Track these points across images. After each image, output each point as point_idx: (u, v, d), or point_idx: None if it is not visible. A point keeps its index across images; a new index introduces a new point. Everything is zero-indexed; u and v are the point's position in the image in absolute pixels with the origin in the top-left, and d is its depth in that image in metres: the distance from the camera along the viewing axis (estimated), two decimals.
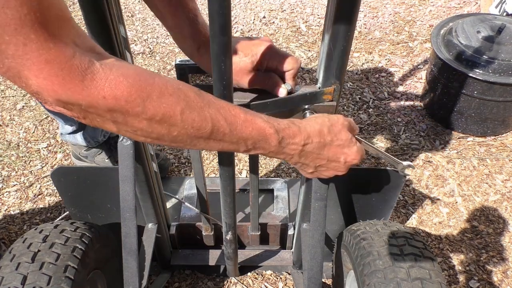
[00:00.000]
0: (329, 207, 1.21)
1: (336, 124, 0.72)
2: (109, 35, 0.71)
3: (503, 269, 1.50)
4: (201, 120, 0.55)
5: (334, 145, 0.71)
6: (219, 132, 0.58)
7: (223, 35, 0.58)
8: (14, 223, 1.64)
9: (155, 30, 2.62)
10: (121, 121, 0.51)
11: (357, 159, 0.73)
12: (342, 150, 0.72)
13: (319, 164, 0.73)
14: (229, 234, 1.08)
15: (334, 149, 0.71)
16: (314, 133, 0.69)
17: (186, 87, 0.56)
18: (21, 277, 0.88)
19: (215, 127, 0.57)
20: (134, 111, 0.50)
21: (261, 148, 0.64)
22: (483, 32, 1.83)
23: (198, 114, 0.55)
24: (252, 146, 0.63)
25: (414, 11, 2.73)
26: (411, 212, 1.67)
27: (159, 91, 0.51)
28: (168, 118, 0.53)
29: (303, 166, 0.74)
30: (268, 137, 0.63)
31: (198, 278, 1.47)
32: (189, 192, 1.45)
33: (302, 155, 0.70)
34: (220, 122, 0.58)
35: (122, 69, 0.49)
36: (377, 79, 2.27)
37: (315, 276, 0.98)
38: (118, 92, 0.48)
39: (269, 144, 0.64)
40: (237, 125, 0.60)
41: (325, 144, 0.70)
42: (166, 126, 0.53)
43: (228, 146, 0.61)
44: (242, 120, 0.60)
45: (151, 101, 0.51)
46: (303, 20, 2.69)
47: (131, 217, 0.93)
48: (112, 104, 0.48)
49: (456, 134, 1.98)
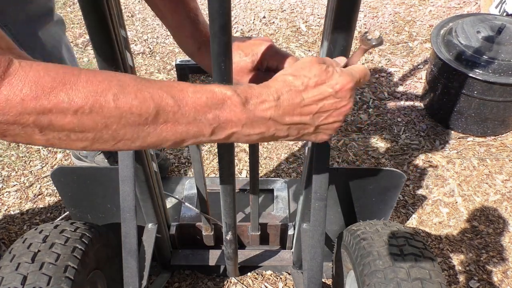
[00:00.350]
0: (329, 207, 1.21)
1: (299, 67, 0.60)
2: (109, 35, 0.71)
3: (503, 269, 1.50)
4: (141, 102, 0.47)
5: (310, 85, 0.58)
6: (167, 112, 0.49)
7: (223, 35, 0.58)
8: (14, 223, 1.64)
9: (155, 30, 2.62)
10: (47, 126, 0.44)
11: (349, 82, 0.60)
12: (324, 84, 0.59)
13: (314, 113, 0.59)
14: (229, 234, 1.08)
15: (313, 89, 0.58)
16: (279, 85, 0.57)
17: (120, 74, 0.49)
18: (21, 277, 0.88)
19: (160, 107, 0.48)
20: (58, 108, 0.43)
21: (228, 122, 0.53)
22: (483, 32, 1.83)
23: (136, 96, 0.47)
24: (217, 123, 0.52)
25: (414, 11, 2.73)
26: (411, 212, 1.67)
27: (86, 80, 0.45)
28: (99, 109, 0.45)
29: (301, 128, 0.60)
30: (229, 102, 0.52)
31: (198, 278, 1.47)
32: (189, 192, 1.45)
33: (283, 114, 0.56)
34: (165, 99, 0.49)
35: (44, 65, 0.44)
36: (377, 79, 2.27)
37: (315, 276, 0.98)
38: (39, 90, 0.42)
39: (234, 112, 0.53)
40: (186, 98, 0.50)
41: (299, 90, 0.57)
42: (101, 119, 0.45)
43: (186, 129, 0.51)
44: (191, 91, 0.51)
45: (76, 93, 0.44)
46: (303, 20, 2.69)
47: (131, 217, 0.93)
48: (32, 105, 0.42)
49: (456, 134, 1.98)
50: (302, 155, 1.89)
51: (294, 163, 1.86)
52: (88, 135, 0.46)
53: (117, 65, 0.76)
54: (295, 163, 1.86)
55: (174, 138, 0.51)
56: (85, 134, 0.46)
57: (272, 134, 0.58)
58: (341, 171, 1.15)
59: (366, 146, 1.92)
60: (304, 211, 1.14)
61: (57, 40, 1.51)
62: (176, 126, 0.50)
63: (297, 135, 0.61)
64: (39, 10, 1.37)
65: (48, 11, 1.41)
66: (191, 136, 0.52)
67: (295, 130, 0.60)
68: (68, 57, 1.59)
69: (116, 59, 0.75)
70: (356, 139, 1.95)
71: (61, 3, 2.81)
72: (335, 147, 1.91)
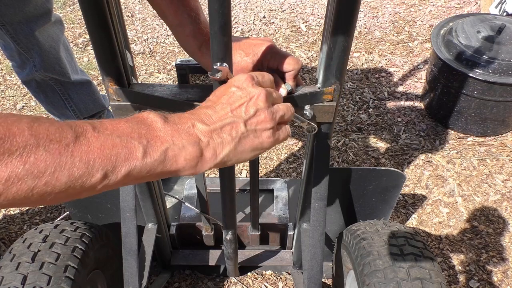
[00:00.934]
0: (329, 207, 1.21)
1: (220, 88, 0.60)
2: (109, 35, 0.71)
3: (503, 269, 1.50)
4: (58, 129, 0.41)
5: (216, 95, 0.58)
6: (88, 137, 0.43)
7: (223, 35, 0.58)
8: (14, 223, 1.64)
9: (155, 30, 2.62)
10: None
11: (244, 75, 0.59)
12: (225, 88, 0.59)
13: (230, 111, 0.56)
14: (229, 234, 1.08)
15: (219, 94, 0.58)
16: (192, 110, 0.56)
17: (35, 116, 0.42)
18: (21, 277, 0.88)
19: (79, 133, 0.43)
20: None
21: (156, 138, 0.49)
22: (483, 32, 1.83)
23: (52, 124, 0.41)
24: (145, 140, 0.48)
25: (414, 11, 2.73)
26: (411, 212, 1.67)
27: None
28: (12, 136, 0.38)
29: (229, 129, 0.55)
30: (148, 121, 0.50)
31: (198, 278, 1.47)
32: (189, 192, 1.45)
33: (203, 120, 0.54)
34: (83, 126, 0.44)
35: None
36: (377, 79, 2.27)
37: (315, 276, 0.98)
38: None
39: (157, 128, 0.50)
40: (105, 124, 0.46)
41: (210, 104, 0.57)
42: (15, 150, 0.38)
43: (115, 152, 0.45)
44: (108, 121, 0.47)
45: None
46: (303, 20, 2.69)
47: (131, 217, 0.93)
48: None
49: (456, 134, 1.98)
50: (302, 155, 1.89)
51: (294, 163, 1.86)
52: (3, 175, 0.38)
53: (117, 65, 0.76)
54: (295, 163, 1.86)
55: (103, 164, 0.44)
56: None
57: (207, 146, 0.53)
58: (341, 171, 1.15)
59: (366, 146, 1.92)
60: (304, 211, 1.14)
61: (55, 40, 1.51)
62: (103, 150, 0.44)
63: (234, 138, 0.56)
64: (37, 11, 1.38)
65: (46, 12, 1.41)
66: (123, 159, 0.45)
67: (227, 133, 0.55)
68: (66, 56, 1.59)
69: (116, 59, 0.75)
70: (356, 139, 1.95)
71: (61, 3, 2.81)
72: (335, 147, 1.91)
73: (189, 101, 0.79)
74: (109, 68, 0.75)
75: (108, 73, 0.76)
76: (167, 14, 0.75)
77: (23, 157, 0.38)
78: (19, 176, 0.38)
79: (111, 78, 0.77)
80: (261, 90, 0.59)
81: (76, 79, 1.65)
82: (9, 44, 1.44)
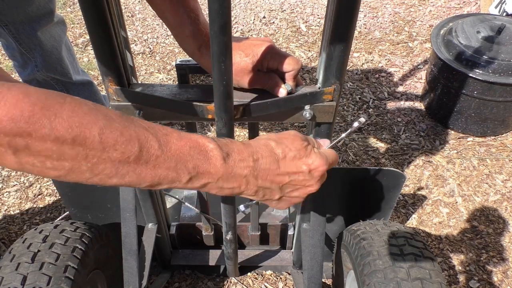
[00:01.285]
0: (329, 207, 1.21)
1: (284, 137, 0.64)
2: (109, 35, 0.71)
3: (503, 269, 1.50)
4: (126, 141, 0.47)
5: (289, 157, 0.61)
6: (150, 154, 0.49)
7: (223, 35, 0.58)
8: (14, 223, 1.64)
9: (155, 30, 2.62)
10: (22, 149, 0.42)
11: (323, 165, 0.63)
12: (300, 160, 0.62)
13: (283, 184, 0.62)
14: (229, 234, 1.08)
15: (291, 160, 0.61)
16: (261, 147, 0.60)
17: (105, 108, 0.48)
18: (21, 277, 0.88)
19: (144, 148, 0.48)
20: (39, 133, 0.42)
21: (206, 173, 0.54)
22: (483, 32, 1.83)
23: (121, 133, 0.47)
24: (195, 172, 0.53)
25: (414, 11, 2.73)
26: (411, 212, 1.67)
27: (71, 110, 0.44)
28: (83, 140, 0.44)
29: (268, 193, 0.63)
30: (210, 154, 0.54)
31: (198, 278, 1.47)
32: (189, 192, 1.45)
33: (257, 176, 0.59)
34: (150, 142, 0.49)
35: (25, 88, 0.42)
36: (377, 79, 2.27)
37: (315, 276, 0.98)
38: (17, 112, 0.41)
39: (214, 165, 0.54)
40: (170, 144, 0.51)
41: (277, 159, 0.61)
42: (82, 150, 0.45)
43: (165, 173, 0.51)
44: (176, 138, 0.52)
45: (60, 121, 0.43)
46: (303, 20, 2.69)
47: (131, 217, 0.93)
48: (9, 127, 0.40)
49: (456, 134, 1.98)
50: None
51: None
52: (65, 164, 0.45)
53: (117, 65, 0.76)
54: None
55: (151, 180, 0.51)
56: (62, 163, 0.45)
57: (241, 191, 0.60)
58: (341, 171, 1.15)
59: (366, 146, 1.92)
60: (304, 211, 1.14)
61: (57, 40, 1.51)
62: (156, 169, 0.50)
63: (262, 197, 0.63)
64: (39, 11, 1.38)
65: (48, 12, 1.41)
66: (168, 180, 0.52)
67: (262, 193, 0.62)
68: (68, 57, 1.59)
69: (116, 59, 0.75)
70: (356, 139, 1.95)
71: (61, 3, 2.81)
72: (335, 147, 1.91)
73: (189, 101, 0.79)
74: (109, 68, 0.75)
75: (108, 73, 0.76)
76: (166, 15, 0.75)
77: (88, 158, 0.45)
78: (80, 169, 0.46)
79: (111, 78, 0.77)
80: (318, 185, 0.65)
81: (78, 80, 1.65)
82: (11, 44, 1.44)
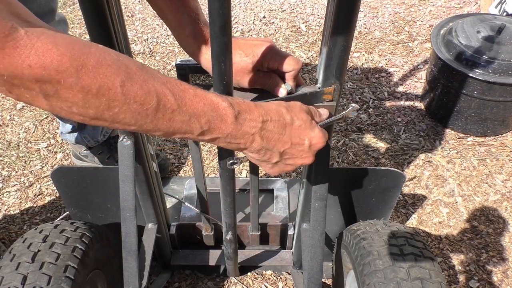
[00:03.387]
0: (329, 207, 1.21)
1: (293, 105, 0.68)
2: (109, 35, 0.71)
3: (503, 269, 1.50)
4: (145, 94, 0.51)
5: (296, 125, 0.66)
6: (166, 108, 0.53)
7: (223, 35, 0.58)
8: (14, 223, 1.64)
9: (155, 30, 2.62)
10: (52, 95, 0.46)
11: (321, 142, 0.68)
12: (305, 131, 0.67)
13: (284, 150, 0.66)
14: (229, 234, 1.08)
15: (296, 130, 0.66)
16: (272, 110, 0.64)
17: (127, 59, 0.51)
18: (21, 277, 0.88)
19: (161, 102, 0.52)
20: (66, 82, 0.45)
21: (217, 129, 0.59)
22: (483, 32, 1.83)
23: (141, 86, 0.50)
24: (207, 126, 0.58)
25: (414, 11, 2.73)
26: (411, 212, 1.67)
27: (96, 61, 0.47)
28: (106, 91, 0.48)
29: (267, 155, 0.67)
30: (223, 112, 0.58)
31: (198, 278, 1.47)
32: (189, 192, 1.45)
33: (264, 136, 0.63)
34: (167, 96, 0.53)
35: (53, 38, 0.45)
36: (377, 79, 2.27)
37: (315, 276, 0.98)
38: (47, 61, 0.44)
39: (225, 122, 0.59)
40: (186, 99, 0.55)
41: (285, 124, 0.65)
42: (105, 100, 0.48)
43: (179, 126, 0.56)
44: (191, 94, 0.55)
45: (86, 71, 0.46)
46: (303, 20, 2.69)
47: (131, 217, 0.93)
48: (40, 74, 0.44)
49: (456, 134, 1.98)
50: None
51: None
52: (89, 112, 0.49)
53: None
54: None
55: (166, 130, 0.56)
56: (87, 110, 0.49)
57: (246, 147, 0.64)
58: (341, 171, 1.15)
59: (366, 146, 1.92)
60: (304, 211, 1.14)
61: None
62: (171, 122, 0.55)
63: (263, 157, 0.67)
64: (41, 9, 1.38)
65: (49, 11, 1.41)
66: (182, 132, 0.57)
67: (263, 153, 0.66)
68: None
69: None
70: (356, 139, 1.95)
71: (61, 3, 2.81)
72: (335, 147, 1.91)
73: None
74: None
75: None
76: (167, 15, 0.75)
77: (110, 108, 0.49)
78: (103, 117, 0.50)
79: None
80: (312, 158, 0.70)
81: None
82: None
